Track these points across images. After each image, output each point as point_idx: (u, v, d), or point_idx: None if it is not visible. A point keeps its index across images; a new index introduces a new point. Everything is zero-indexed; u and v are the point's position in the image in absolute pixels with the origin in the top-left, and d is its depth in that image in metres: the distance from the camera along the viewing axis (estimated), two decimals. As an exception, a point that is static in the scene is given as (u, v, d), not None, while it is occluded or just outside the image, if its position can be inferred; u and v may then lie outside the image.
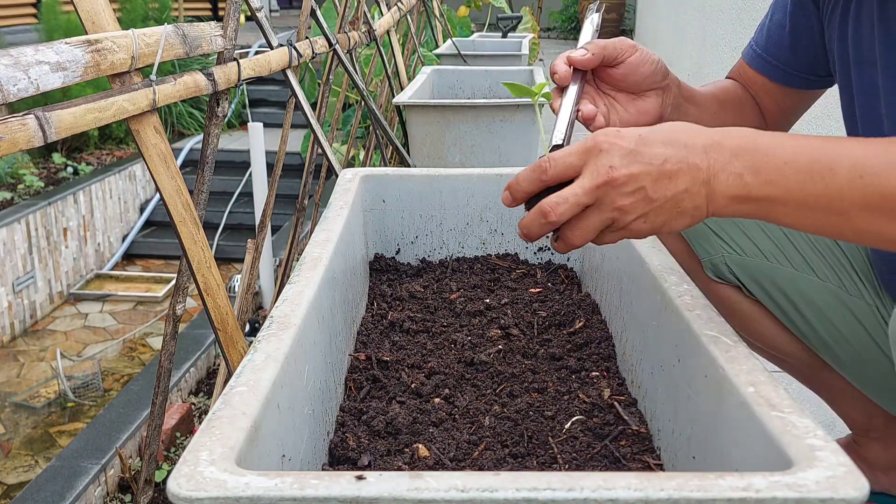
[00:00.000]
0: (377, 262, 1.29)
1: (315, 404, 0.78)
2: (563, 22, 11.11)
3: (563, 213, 0.68)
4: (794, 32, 1.03)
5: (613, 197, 0.67)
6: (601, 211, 0.68)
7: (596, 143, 0.68)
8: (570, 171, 0.68)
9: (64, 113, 0.83)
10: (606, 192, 0.67)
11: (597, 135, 0.68)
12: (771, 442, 0.56)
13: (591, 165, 0.67)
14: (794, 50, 1.04)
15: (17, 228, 5.08)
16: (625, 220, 0.68)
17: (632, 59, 0.89)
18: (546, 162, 0.69)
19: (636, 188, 0.66)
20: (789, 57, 1.05)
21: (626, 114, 0.91)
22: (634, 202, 0.66)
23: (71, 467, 2.64)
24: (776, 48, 1.06)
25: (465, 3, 5.56)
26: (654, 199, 0.66)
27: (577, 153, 0.68)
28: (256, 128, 3.94)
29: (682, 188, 0.66)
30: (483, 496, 0.49)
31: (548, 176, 0.69)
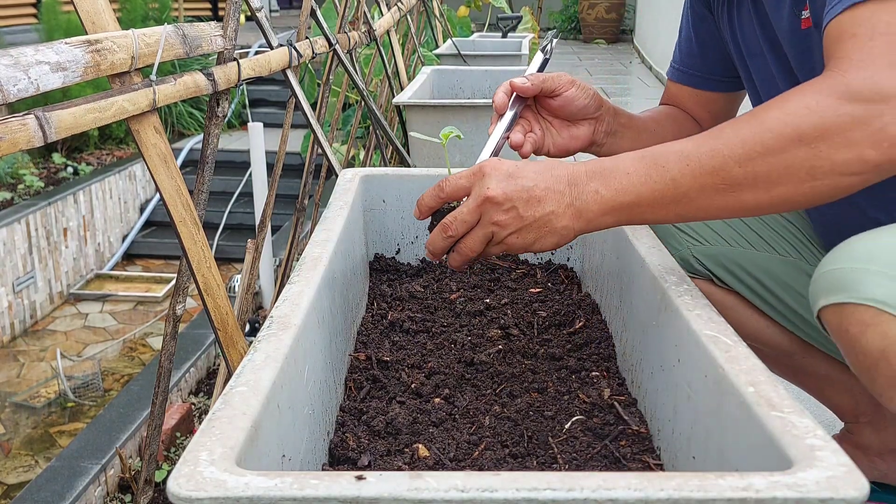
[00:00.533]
0: (377, 262, 1.29)
1: (315, 404, 0.78)
2: (563, 22, 11.10)
3: (457, 227, 0.81)
4: (699, 41, 1.16)
5: (492, 213, 0.79)
6: (482, 226, 0.80)
7: (481, 168, 0.81)
8: (461, 192, 0.82)
9: (64, 113, 0.83)
10: (486, 209, 0.79)
11: (483, 163, 0.81)
12: (771, 442, 0.56)
13: (476, 187, 0.80)
14: (704, 56, 1.16)
15: (17, 228, 5.07)
16: (501, 235, 0.80)
17: (567, 94, 1.03)
18: (443, 183, 0.83)
19: (510, 206, 0.78)
20: (701, 64, 1.17)
21: (559, 138, 1.06)
22: (509, 219, 0.79)
23: (71, 467, 2.63)
24: (689, 58, 1.19)
25: (465, 3, 5.56)
26: (524, 217, 0.78)
27: (467, 176, 0.81)
28: (256, 128, 3.93)
29: (549, 210, 0.78)
30: (483, 496, 0.49)
31: (444, 194, 0.83)
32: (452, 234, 0.82)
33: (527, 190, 0.78)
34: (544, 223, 0.79)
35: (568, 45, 10.36)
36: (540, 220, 0.79)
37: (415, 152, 2.30)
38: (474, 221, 0.80)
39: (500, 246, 0.81)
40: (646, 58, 8.42)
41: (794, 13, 0.92)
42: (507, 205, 0.78)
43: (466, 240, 0.82)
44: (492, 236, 0.81)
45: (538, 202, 0.78)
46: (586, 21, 10.54)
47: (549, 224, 0.79)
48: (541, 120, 1.06)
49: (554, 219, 0.78)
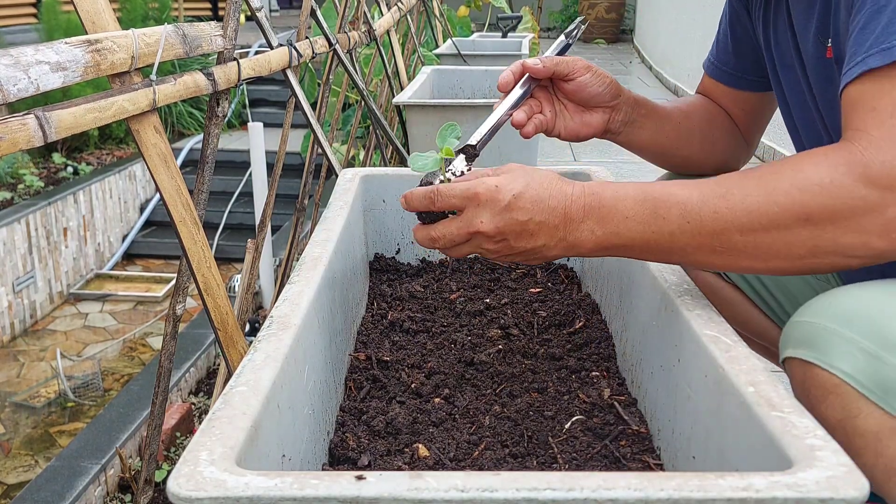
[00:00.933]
0: (377, 262, 1.29)
1: (315, 404, 0.78)
2: (563, 22, 11.10)
3: (444, 244, 0.82)
4: (734, 39, 1.13)
5: (480, 241, 0.80)
6: (471, 246, 0.82)
7: (476, 194, 0.79)
8: (453, 208, 0.81)
9: (64, 113, 0.83)
10: (475, 237, 0.80)
11: (478, 185, 0.79)
12: (771, 442, 0.56)
13: (468, 211, 0.79)
14: (738, 55, 1.13)
15: (17, 228, 5.07)
16: (489, 256, 0.82)
17: (582, 79, 1.00)
18: (434, 194, 0.82)
19: (500, 239, 0.79)
20: (735, 62, 1.14)
21: (571, 122, 1.03)
22: (498, 248, 0.80)
23: (71, 467, 2.63)
24: (724, 55, 1.15)
25: (465, 3, 5.56)
26: (514, 247, 0.79)
27: (460, 196, 0.80)
28: (256, 128, 3.94)
29: (541, 243, 0.79)
30: (483, 496, 0.49)
31: (434, 207, 0.82)
32: (440, 248, 0.84)
33: (520, 224, 0.78)
34: (533, 253, 0.80)
35: (568, 45, 10.34)
36: (530, 251, 0.80)
37: (415, 152, 2.30)
38: (462, 242, 0.81)
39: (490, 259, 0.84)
40: (646, 58, 8.41)
41: (818, 40, 0.88)
42: (497, 238, 0.79)
43: (454, 250, 0.84)
44: (479, 253, 0.83)
45: (530, 236, 0.78)
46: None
47: (539, 254, 0.80)
48: (556, 102, 1.03)
49: (545, 250, 0.79)
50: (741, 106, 1.15)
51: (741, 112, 1.16)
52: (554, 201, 0.78)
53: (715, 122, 1.15)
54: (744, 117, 1.16)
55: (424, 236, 0.84)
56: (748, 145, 1.18)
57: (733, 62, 1.13)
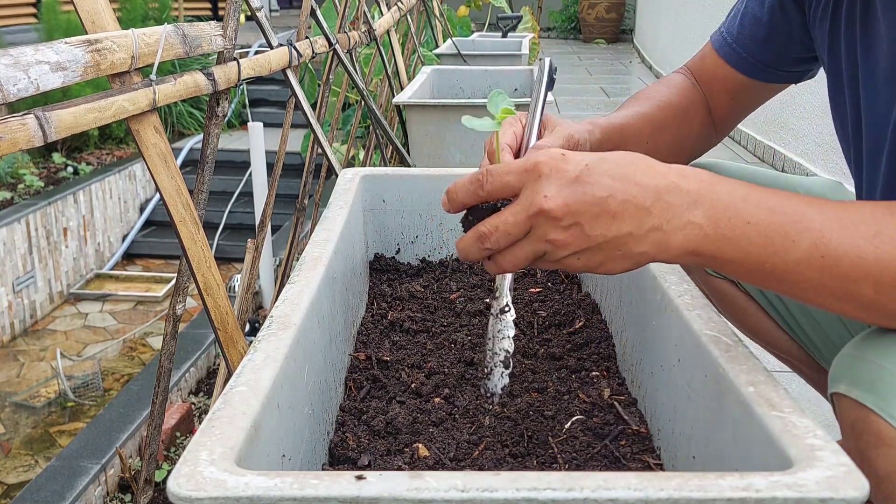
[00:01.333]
0: (377, 261, 1.29)
1: (315, 404, 0.78)
2: (563, 22, 11.11)
3: (497, 240, 0.64)
4: (770, 29, 1.00)
5: (546, 229, 0.62)
6: (532, 242, 0.64)
7: (537, 164, 0.63)
8: (507, 191, 0.65)
9: (64, 113, 0.83)
10: (539, 223, 0.62)
11: (539, 154, 0.63)
12: (771, 442, 0.56)
13: (527, 190, 0.63)
14: (767, 44, 1.01)
15: (17, 228, 5.08)
16: (557, 255, 0.63)
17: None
18: (483, 176, 0.65)
19: (572, 223, 0.61)
20: (760, 52, 1.02)
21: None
22: (568, 237, 0.62)
23: (71, 467, 2.63)
24: (750, 42, 1.02)
25: (465, 3, 5.56)
26: (591, 236, 0.61)
27: (516, 172, 0.64)
28: (256, 127, 3.93)
29: (626, 231, 0.61)
30: (483, 496, 0.49)
31: (484, 191, 0.66)
32: (491, 247, 0.66)
33: (598, 202, 0.61)
34: (617, 246, 0.62)
35: (568, 45, 10.36)
36: (612, 242, 0.62)
37: (415, 152, 2.30)
38: (521, 234, 0.64)
39: (554, 265, 0.65)
40: (646, 57, 8.41)
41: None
42: (568, 220, 0.61)
43: (509, 253, 0.66)
44: (543, 254, 0.64)
45: (612, 218, 0.61)
46: (586, 21, 10.55)
47: (624, 247, 0.62)
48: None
49: (631, 242, 0.61)
50: (736, 94, 1.07)
51: (731, 100, 1.07)
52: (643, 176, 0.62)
53: (689, 119, 1.07)
54: (732, 106, 1.08)
55: (471, 238, 0.67)
56: (719, 135, 1.11)
57: (758, 51, 1.02)
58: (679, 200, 0.61)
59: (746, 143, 4.69)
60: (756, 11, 1.01)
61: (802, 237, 0.60)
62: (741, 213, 0.61)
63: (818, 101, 3.70)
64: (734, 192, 0.62)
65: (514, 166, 0.64)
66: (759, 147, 4.48)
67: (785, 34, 1.00)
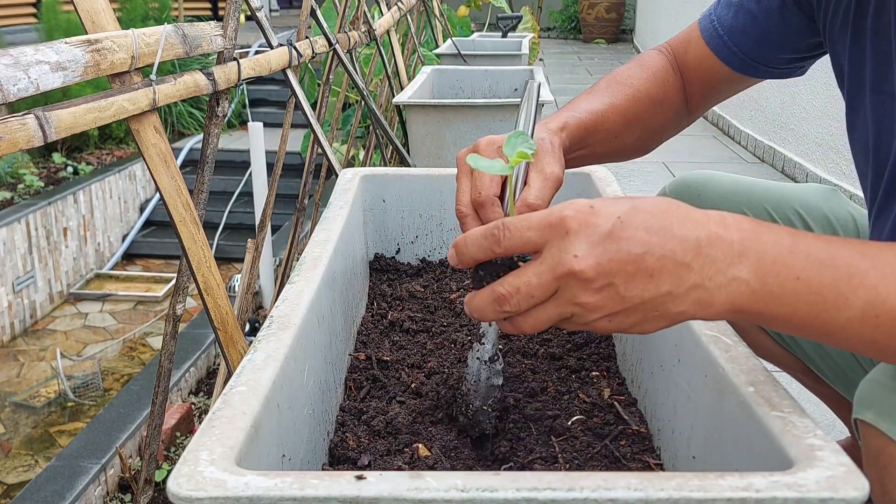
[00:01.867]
0: (377, 261, 1.29)
1: (315, 404, 0.78)
2: (563, 22, 11.11)
3: (519, 302, 0.58)
4: (766, 28, 0.96)
5: (575, 291, 0.56)
6: (559, 304, 0.57)
7: (563, 219, 0.56)
8: (528, 248, 0.58)
9: (64, 113, 0.83)
10: (567, 285, 0.56)
11: (565, 207, 0.57)
12: (771, 442, 0.56)
13: (552, 248, 0.56)
14: (759, 43, 0.97)
15: (17, 228, 5.07)
16: (587, 318, 0.57)
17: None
18: (500, 231, 0.58)
19: (605, 284, 0.55)
20: (750, 48, 0.97)
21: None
22: (601, 300, 0.55)
23: (71, 467, 2.63)
24: (741, 36, 0.97)
25: (465, 3, 5.56)
26: (626, 298, 0.55)
27: (538, 227, 0.57)
28: (256, 127, 3.94)
29: (665, 290, 0.55)
30: (483, 496, 0.49)
31: (501, 248, 0.59)
32: (510, 311, 0.58)
33: (634, 259, 0.54)
34: (654, 306, 0.56)
35: (568, 45, 10.36)
36: (649, 303, 0.56)
37: (415, 152, 2.30)
38: (546, 297, 0.57)
39: (582, 327, 0.59)
40: (646, 57, 8.41)
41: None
42: (600, 281, 0.55)
43: (531, 316, 0.59)
44: (571, 315, 0.57)
45: (649, 277, 0.55)
46: (586, 21, 10.55)
47: (661, 307, 0.56)
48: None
49: (669, 301, 0.56)
50: (718, 83, 1.01)
51: (711, 89, 1.02)
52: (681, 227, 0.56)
53: (664, 110, 1.01)
54: (709, 94, 1.03)
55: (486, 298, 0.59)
56: (689, 121, 1.06)
57: (748, 47, 0.97)
58: (722, 254, 0.55)
59: (746, 143, 4.69)
60: (753, 9, 0.97)
61: (856, 294, 0.56)
62: (790, 266, 0.56)
63: (818, 101, 3.70)
64: (781, 243, 0.57)
65: (535, 221, 0.57)
66: (759, 147, 4.48)
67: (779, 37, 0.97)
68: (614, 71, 1.02)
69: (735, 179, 1.10)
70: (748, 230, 0.57)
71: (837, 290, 0.56)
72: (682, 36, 1.04)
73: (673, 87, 1.02)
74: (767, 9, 0.95)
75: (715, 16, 1.00)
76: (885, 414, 0.60)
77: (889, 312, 0.55)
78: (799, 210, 1.04)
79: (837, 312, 0.56)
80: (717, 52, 0.99)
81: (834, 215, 1.03)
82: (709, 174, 1.12)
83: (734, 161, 4.45)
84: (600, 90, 0.97)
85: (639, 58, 1.04)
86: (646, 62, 1.03)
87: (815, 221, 1.03)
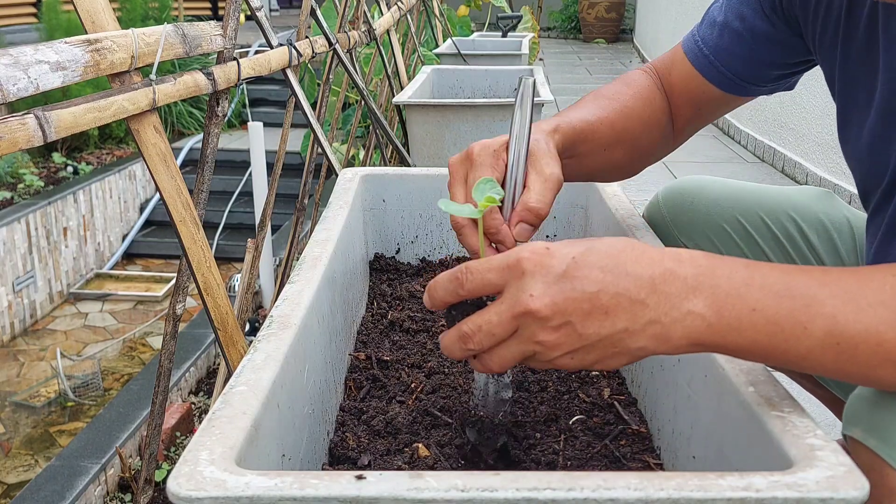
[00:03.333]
0: (377, 261, 1.29)
1: (315, 404, 0.78)
2: (563, 21, 11.11)
3: (481, 341, 0.60)
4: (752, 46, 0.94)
5: (534, 329, 0.58)
6: (520, 342, 0.59)
7: (519, 260, 0.58)
8: (489, 289, 0.61)
9: (63, 112, 0.83)
10: (526, 324, 0.58)
11: (522, 250, 0.59)
12: (771, 442, 0.56)
13: (511, 288, 0.58)
14: (747, 61, 0.96)
15: (17, 228, 5.07)
16: (548, 355, 0.59)
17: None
18: (463, 274, 0.61)
19: (562, 322, 0.57)
20: (738, 66, 0.96)
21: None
22: (559, 337, 0.57)
23: (71, 467, 2.63)
24: (727, 55, 0.96)
25: (465, 3, 5.56)
26: (583, 335, 0.57)
27: (498, 269, 0.60)
28: (256, 127, 3.93)
29: (621, 327, 0.57)
30: (483, 496, 0.49)
31: (464, 290, 0.62)
32: (474, 349, 0.61)
33: (588, 297, 0.56)
34: (612, 343, 0.58)
35: (568, 45, 10.36)
36: (607, 339, 0.57)
37: (415, 152, 2.30)
38: (506, 335, 0.60)
39: (545, 364, 0.61)
40: (646, 57, 8.42)
41: None
42: (557, 319, 0.57)
43: (495, 354, 0.61)
44: (533, 354, 0.60)
45: (604, 315, 0.57)
46: (586, 21, 10.55)
47: (620, 344, 0.58)
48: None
49: (627, 338, 0.57)
50: (705, 104, 1.00)
51: (697, 110, 1.01)
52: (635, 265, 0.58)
53: (650, 130, 1.00)
54: (696, 116, 1.02)
55: (453, 337, 0.63)
56: (675, 144, 1.05)
57: (735, 65, 0.96)
58: (676, 290, 0.57)
59: (746, 143, 4.69)
60: (739, 28, 0.95)
61: (814, 323, 0.56)
62: (745, 299, 0.57)
63: (818, 101, 3.70)
64: (735, 276, 0.58)
65: (495, 263, 0.60)
66: (760, 147, 4.48)
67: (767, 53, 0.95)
68: (600, 88, 1.00)
69: (728, 185, 1.08)
70: (702, 265, 0.58)
71: (795, 319, 0.56)
72: (666, 57, 1.04)
73: (659, 107, 1.01)
74: (752, 27, 0.94)
75: (698, 36, 0.99)
76: (873, 430, 0.60)
77: (849, 340, 0.56)
78: (793, 215, 1.03)
79: (797, 342, 0.57)
80: (703, 71, 0.98)
81: (829, 218, 1.02)
82: (701, 181, 1.10)
83: (734, 161, 4.45)
84: (588, 103, 0.96)
85: (623, 77, 1.03)
86: (631, 81, 1.02)
87: (810, 226, 1.02)
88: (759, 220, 1.03)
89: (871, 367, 0.57)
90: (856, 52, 0.81)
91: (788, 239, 1.02)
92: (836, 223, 1.02)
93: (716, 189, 1.08)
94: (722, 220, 1.04)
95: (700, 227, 1.06)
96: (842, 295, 0.57)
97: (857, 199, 3.04)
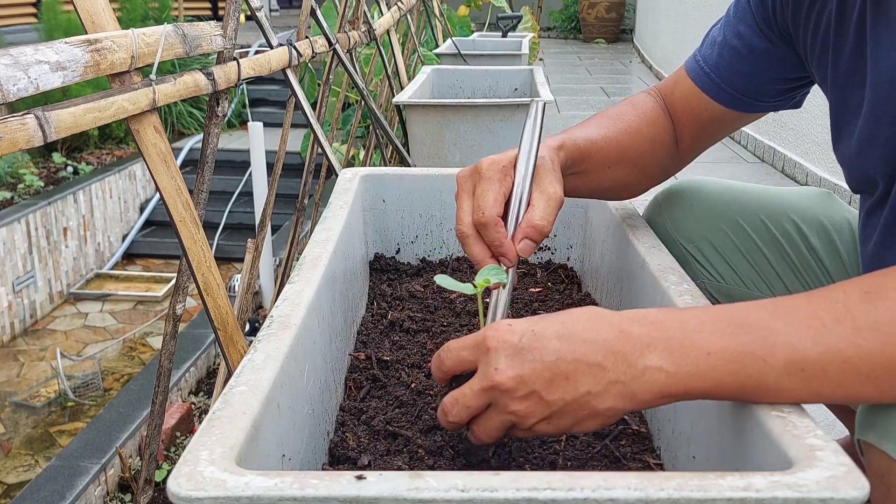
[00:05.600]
0: (377, 261, 1.29)
1: (315, 404, 0.78)
2: (563, 21, 11.11)
3: (458, 413, 0.64)
4: (751, 62, 0.97)
5: (505, 401, 0.61)
6: (498, 413, 0.63)
7: (485, 338, 0.63)
8: (465, 366, 0.66)
9: (63, 112, 0.83)
10: (496, 396, 0.62)
11: (489, 328, 0.64)
12: (771, 442, 0.56)
13: (481, 364, 0.63)
14: (747, 77, 0.98)
15: (17, 228, 5.07)
16: (526, 424, 0.62)
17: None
18: (444, 353, 0.67)
19: (527, 392, 0.60)
20: (741, 84, 0.98)
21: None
22: (529, 406, 0.61)
23: (71, 467, 2.63)
24: (728, 72, 0.98)
25: (465, 3, 5.57)
26: (550, 402, 0.60)
27: (469, 347, 0.65)
28: (256, 127, 3.93)
29: (584, 391, 0.59)
30: (483, 496, 0.49)
31: (445, 368, 0.67)
32: (454, 421, 0.65)
33: (548, 366, 0.60)
34: (580, 406, 0.60)
35: (568, 45, 10.37)
36: (574, 403, 0.60)
37: (415, 152, 2.30)
38: (481, 407, 0.64)
39: (528, 433, 0.63)
40: (646, 57, 8.42)
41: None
42: (522, 390, 0.60)
43: (481, 425, 0.65)
44: (512, 424, 0.63)
45: (566, 381, 0.60)
46: (586, 21, 10.56)
47: (588, 407, 0.60)
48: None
49: (592, 400, 0.60)
50: (709, 123, 1.02)
51: (701, 129, 1.03)
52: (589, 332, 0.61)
53: (655, 151, 1.02)
54: (700, 136, 1.04)
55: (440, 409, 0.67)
56: (680, 165, 1.07)
57: (739, 83, 0.98)
58: (630, 349, 0.59)
59: (746, 143, 4.69)
60: (737, 46, 0.97)
61: (774, 356, 0.57)
62: (698, 345, 0.58)
63: (818, 101, 3.69)
64: (687, 325, 0.60)
65: (468, 342, 0.65)
66: (759, 147, 4.48)
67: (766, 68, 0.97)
68: (605, 109, 1.03)
69: (727, 187, 1.08)
70: (655, 322, 0.61)
71: (754, 355, 0.57)
72: (669, 79, 1.07)
73: (664, 128, 1.03)
74: (750, 44, 0.96)
75: (700, 56, 1.02)
76: (888, 435, 0.60)
77: (813, 365, 0.57)
78: (794, 218, 1.03)
79: (762, 377, 0.58)
80: (705, 88, 1.00)
81: (829, 220, 1.02)
82: (701, 182, 1.10)
83: (734, 161, 4.45)
84: (593, 122, 0.99)
85: (628, 99, 1.06)
86: (636, 102, 1.05)
87: (811, 229, 1.02)
88: (759, 221, 1.03)
89: (848, 387, 0.57)
90: (845, 60, 0.83)
91: (788, 241, 1.03)
92: (836, 224, 1.02)
93: (715, 190, 1.08)
94: (721, 222, 1.05)
95: (699, 229, 1.06)
96: (796, 322, 0.58)
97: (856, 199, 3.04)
